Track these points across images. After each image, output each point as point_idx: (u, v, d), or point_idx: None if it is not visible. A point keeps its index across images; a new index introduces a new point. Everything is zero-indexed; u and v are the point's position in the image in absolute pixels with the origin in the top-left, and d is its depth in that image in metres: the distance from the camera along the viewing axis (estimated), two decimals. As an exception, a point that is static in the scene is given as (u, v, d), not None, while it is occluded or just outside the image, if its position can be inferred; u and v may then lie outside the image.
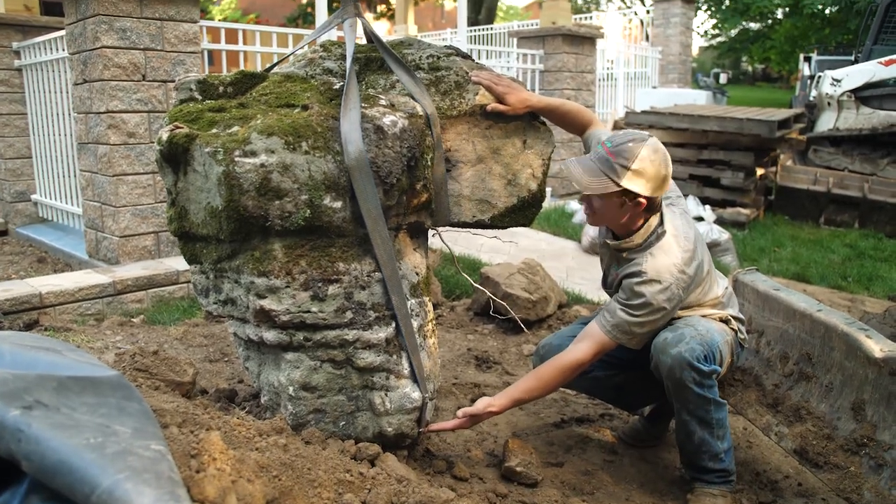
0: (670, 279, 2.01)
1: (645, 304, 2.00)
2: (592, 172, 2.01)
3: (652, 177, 1.98)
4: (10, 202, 5.84)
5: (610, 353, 2.26)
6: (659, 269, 2.01)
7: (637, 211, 2.04)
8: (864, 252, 5.72)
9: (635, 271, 2.05)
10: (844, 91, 7.88)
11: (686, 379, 1.99)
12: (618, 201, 2.02)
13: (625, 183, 1.96)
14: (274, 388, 1.94)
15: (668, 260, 2.03)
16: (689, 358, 1.98)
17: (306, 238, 1.80)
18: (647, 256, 2.05)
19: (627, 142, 1.99)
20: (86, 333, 3.22)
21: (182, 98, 2.06)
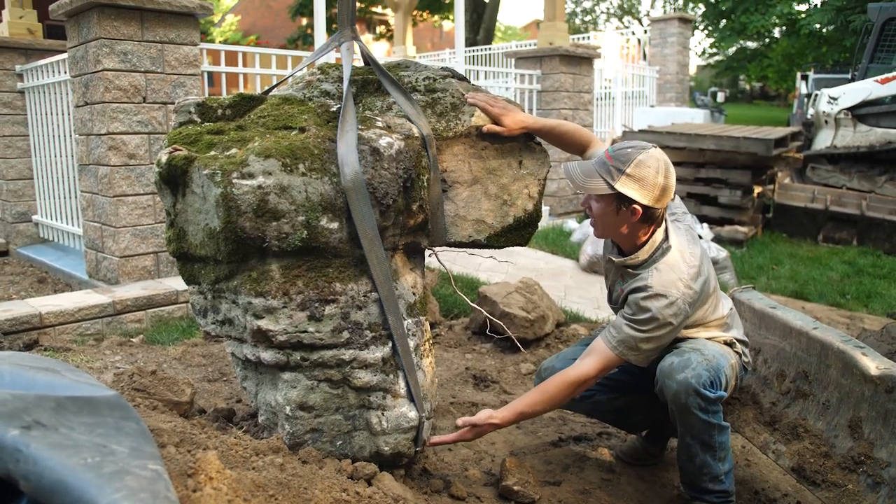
0: (676, 294, 2.00)
1: (651, 318, 1.99)
2: (588, 173, 2.03)
3: (649, 184, 1.97)
4: (12, 223, 5.87)
5: (611, 376, 2.27)
6: (665, 283, 2.01)
7: (634, 221, 2.03)
8: (862, 269, 5.73)
9: (641, 286, 2.04)
10: (841, 109, 7.95)
11: (692, 405, 1.98)
12: (613, 207, 2.02)
13: (619, 186, 1.97)
14: (271, 408, 1.95)
15: (673, 275, 2.02)
16: (695, 384, 1.96)
17: (303, 259, 1.82)
18: (652, 271, 2.05)
19: (627, 148, 2.01)
20: (85, 353, 3.23)
21: (181, 120, 2.09)
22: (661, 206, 2.04)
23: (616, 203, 2.01)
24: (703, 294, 2.09)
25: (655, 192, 1.99)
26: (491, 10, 17.02)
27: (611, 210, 2.03)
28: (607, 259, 2.27)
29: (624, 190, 1.97)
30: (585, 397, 2.28)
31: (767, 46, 23.33)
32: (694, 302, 2.04)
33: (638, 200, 1.98)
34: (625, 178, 1.97)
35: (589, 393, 2.28)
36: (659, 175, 1.99)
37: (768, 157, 6.48)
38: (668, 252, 2.07)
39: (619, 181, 1.97)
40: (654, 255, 2.08)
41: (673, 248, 2.08)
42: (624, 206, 2.01)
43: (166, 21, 4.19)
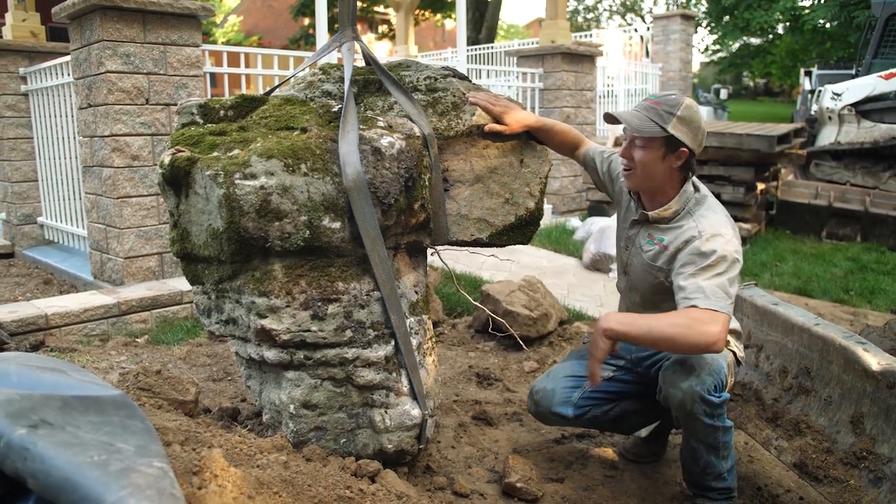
0: (730, 232, 1.97)
1: (721, 258, 1.90)
2: (641, 118, 2.02)
3: (696, 127, 2.01)
4: (17, 225, 5.90)
5: (604, 388, 2.26)
6: (715, 225, 1.98)
7: (676, 166, 2.04)
8: (866, 266, 5.72)
9: (691, 236, 1.99)
10: (845, 105, 7.93)
11: (698, 412, 1.96)
12: (661, 152, 2.02)
13: (671, 129, 1.98)
14: (275, 407, 1.97)
15: (718, 218, 2.01)
16: (700, 391, 1.93)
17: (306, 258, 1.83)
18: (697, 219, 2.03)
19: (670, 94, 2.05)
20: (91, 354, 3.25)
21: (184, 122, 2.10)
22: (699, 151, 2.06)
23: (664, 147, 2.02)
24: None
25: (700, 137, 2.03)
26: (493, 8, 17.01)
27: (657, 155, 2.03)
28: (629, 222, 2.21)
29: (675, 132, 1.98)
30: (581, 416, 2.28)
31: (771, 43, 23.27)
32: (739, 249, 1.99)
33: (687, 144, 2.00)
34: (676, 120, 1.99)
35: (584, 410, 2.28)
36: (702, 120, 2.04)
37: (771, 154, 6.47)
38: (704, 200, 2.07)
39: (671, 124, 1.98)
40: (688, 205, 2.07)
41: (707, 197, 2.09)
42: (671, 150, 2.02)
43: (168, 23, 4.21)
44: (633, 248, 2.21)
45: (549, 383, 2.31)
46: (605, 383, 2.26)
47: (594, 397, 2.28)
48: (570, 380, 2.30)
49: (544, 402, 2.29)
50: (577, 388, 2.28)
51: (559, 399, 2.27)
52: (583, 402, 2.28)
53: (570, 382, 2.29)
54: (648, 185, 2.11)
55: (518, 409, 2.86)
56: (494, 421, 2.72)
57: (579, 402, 2.27)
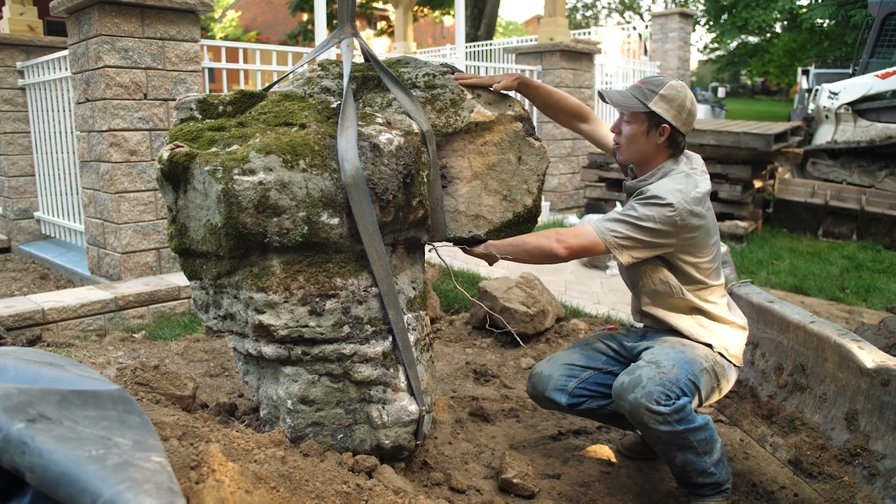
0: (671, 199, 2.03)
1: (644, 216, 2.03)
2: (624, 95, 2.17)
3: (678, 105, 2.11)
4: (14, 219, 5.89)
5: (600, 381, 2.28)
6: (662, 189, 2.06)
7: (661, 142, 2.14)
8: (862, 264, 5.74)
9: (641, 190, 2.12)
10: (842, 104, 7.94)
11: (649, 422, 1.96)
12: (644, 127, 2.13)
13: (652, 105, 2.10)
14: (273, 402, 1.97)
15: (673, 185, 2.08)
16: (645, 403, 1.94)
17: (304, 254, 1.83)
18: (654, 183, 2.14)
19: (659, 76, 2.20)
20: (88, 349, 3.25)
21: (182, 117, 2.10)
22: (686, 132, 2.16)
23: (647, 123, 2.13)
24: (703, 227, 2.11)
25: (683, 115, 2.13)
26: (492, 5, 16.99)
27: (641, 130, 2.14)
28: (624, 186, 2.35)
29: (657, 108, 2.10)
30: (575, 405, 2.30)
31: (769, 41, 23.28)
32: (692, 217, 2.05)
33: (668, 120, 2.10)
34: (658, 98, 2.11)
35: (580, 400, 2.29)
36: (687, 100, 2.13)
37: (768, 153, 6.48)
38: (672, 171, 2.16)
39: (653, 101, 2.11)
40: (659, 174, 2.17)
41: (681, 171, 2.15)
42: (654, 126, 2.12)
43: (167, 17, 4.20)
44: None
45: (548, 368, 2.35)
46: (603, 377, 2.27)
47: (592, 390, 2.29)
48: (568, 368, 2.32)
49: (539, 386, 2.34)
50: (575, 377, 2.31)
51: (554, 385, 2.31)
52: (579, 392, 2.29)
53: (568, 371, 2.32)
54: (636, 158, 2.22)
55: (515, 406, 2.87)
56: (491, 417, 2.73)
57: (575, 391, 2.30)
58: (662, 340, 2.19)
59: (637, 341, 2.31)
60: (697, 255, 2.14)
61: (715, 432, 2.07)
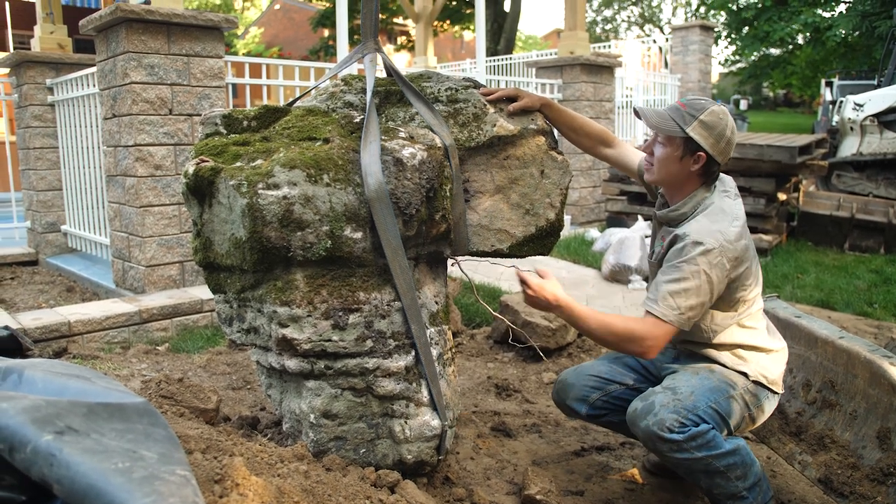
0: (714, 244, 1.93)
1: (694, 273, 1.92)
2: (662, 116, 2.05)
3: (717, 134, 2.00)
4: (41, 233, 5.99)
5: (619, 395, 2.26)
6: (701, 232, 1.96)
7: (694, 169, 2.04)
8: (890, 278, 5.63)
9: (678, 234, 2.00)
10: (867, 115, 7.83)
11: (663, 451, 1.92)
12: (679, 153, 2.03)
13: (690, 131, 1.99)
14: (295, 416, 1.97)
15: (712, 226, 1.98)
16: (657, 431, 1.89)
17: (327, 268, 1.84)
18: (690, 222, 2.03)
19: (700, 99, 2.06)
20: (112, 361, 3.29)
21: (207, 132, 2.13)
22: (722, 162, 2.05)
23: (683, 149, 2.03)
24: (745, 262, 2.01)
25: (721, 144, 2.02)
26: (511, 20, 17.07)
27: (675, 155, 2.04)
28: (654, 215, 2.25)
29: (694, 135, 1.99)
30: (595, 416, 2.29)
31: (791, 53, 23.09)
32: (734, 260, 1.96)
33: (705, 148, 2.00)
34: (697, 123, 2.00)
35: (601, 413, 2.28)
36: (728, 129, 2.02)
37: (792, 165, 6.40)
38: (711, 205, 2.05)
39: (691, 126, 2.00)
40: (696, 210, 2.06)
41: (715, 204, 2.05)
42: (689, 152, 2.02)
43: (192, 35, 4.27)
44: (654, 234, 2.25)
45: (572, 377, 2.34)
46: (629, 392, 2.24)
47: (615, 404, 2.26)
48: (593, 379, 2.30)
49: (562, 393, 2.35)
50: (599, 389, 2.29)
51: (575, 395, 2.30)
52: (601, 405, 2.28)
53: (592, 382, 2.30)
54: (665, 182, 2.12)
55: (537, 421, 2.84)
56: (513, 432, 2.71)
57: (597, 403, 2.28)
58: (690, 366, 2.14)
59: (668, 362, 2.25)
60: (744, 285, 2.06)
61: (749, 457, 2.00)
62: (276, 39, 28.72)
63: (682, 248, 1.96)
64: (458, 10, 19.01)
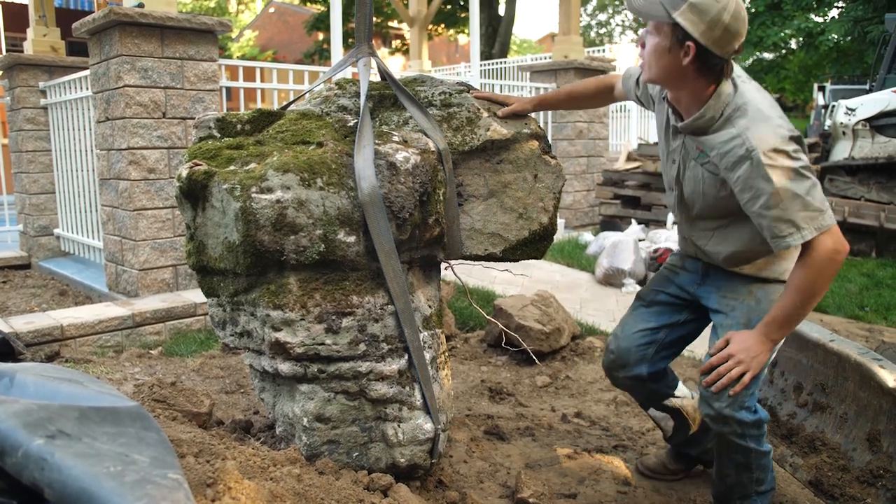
0: (784, 138, 1.70)
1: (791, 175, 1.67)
2: (650, 0, 1.76)
3: (711, 20, 1.68)
4: (34, 236, 5.97)
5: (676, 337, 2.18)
6: (765, 137, 1.70)
7: (687, 65, 1.74)
8: (881, 281, 5.66)
9: (740, 156, 1.72)
10: (859, 120, 7.88)
11: (727, 433, 1.90)
12: (667, 42, 1.74)
13: (677, 16, 1.70)
14: (288, 419, 1.97)
15: (767, 126, 1.73)
16: (731, 413, 1.85)
17: (321, 272, 1.84)
18: (742, 130, 1.74)
19: None
20: (105, 365, 3.28)
21: (201, 136, 2.13)
22: (721, 52, 1.72)
23: (671, 37, 1.74)
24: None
25: (716, 32, 1.69)
26: (506, 24, 17.11)
27: (664, 46, 1.76)
28: (671, 133, 1.98)
29: (681, 20, 1.69)
30: (656, 373, 2.18)
31: (784, 58, 23.23)
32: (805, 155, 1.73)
33: (695, 37, 1.69)
34: (686, 7, 1.69)
35: (659, 367, 2.18)
36: (725, 13, 1.68)
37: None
38: (746, 107, 1.77)
39: (679, 10, 1.69)
40: (725, 111, 1.79)
41: (747, 100, 1.78)
42: (678, 42, 1.73)
43: (186, 38, 4.27)
44: (682, 161, 1.97)
45: (623, 341, 2.20)
46: (677, 330, 2.16)
47: (669, 350, 2.18)
48: (642, 335, 2.18)
49: (619, 364, 2.21)
50: (653, 343, 2.17)
51: (634, 358, 2.17)
52: (658, 358, 2.18)
53: (643, 338, 2.18)
54: (663, 79, 1.85)
55: (530, 424, 2.85)
56: (507, 436, 2.71)
57: (654, 358, 2.18)
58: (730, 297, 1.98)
59: (698, 282, 2.11)
60: None
61: (771, 464, 2.03)
62: (271, 42, 28.71)
63: (764, 165, 1.69)
64: (452, 14, 19.06)
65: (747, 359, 1.79)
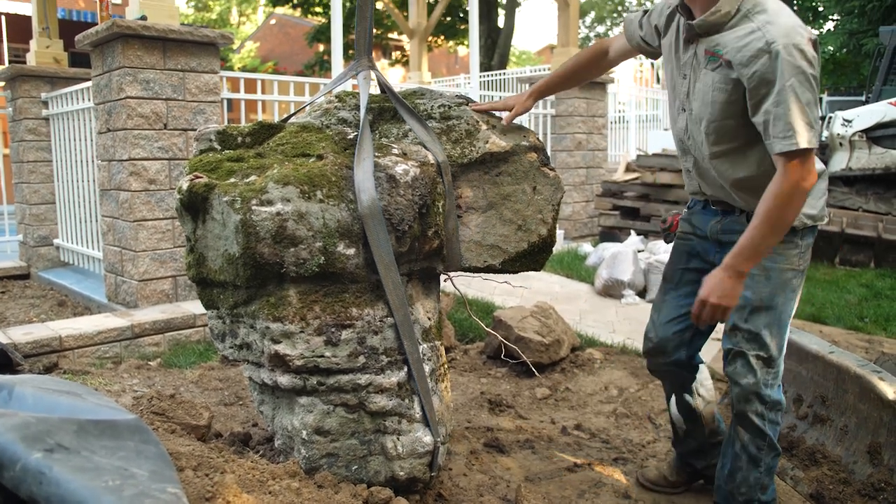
0: (807, 36, 1.65)
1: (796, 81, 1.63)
2: None
3: None
4: (33, 246, 5.97)
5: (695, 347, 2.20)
6: (786, 31, 1.66)
7: None
8: (880, 292, 5.66)
9: (758, 49, 1.67)
10: (856, 131, 7.91)
11: (751, 412, 1.96)
12: None
13: None
14: (287, 432, 1.97)
15: (787, 21, 1.68)
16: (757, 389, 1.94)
17: (320, 284, 1.85)
18: (762, 24, 1.70)
19: None
20: (104, 376, 3.27)
21: (202, 148, 2.14)
22: None
23: None
24: None
25: None
26: (505, 35, 17.19)
27: None
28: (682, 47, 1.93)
29: None
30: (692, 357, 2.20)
31: (782, 69, 23.31)
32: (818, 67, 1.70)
33: None
34: None
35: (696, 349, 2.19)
36: None
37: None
38: (766, 3, 1.74)
39: None
40: (741, 6, 1.76)
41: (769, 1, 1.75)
42: None
43: (188, 50, 4.29)
44: (692, 74, 1.92)
45: (660, 330, 2.21)
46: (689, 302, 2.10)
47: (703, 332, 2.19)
48: (675, 323, 2.20)
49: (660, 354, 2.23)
50: (687, 328, 2.17)
51: (673, 345, 2.19)
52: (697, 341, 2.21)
53: (677, 325, 2.19)
54: None
55: (530, 437, 2.84)
56: (506, 448, 2.70)
57: (693, 340, 2.20)
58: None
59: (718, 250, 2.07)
60: None
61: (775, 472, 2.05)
62: (272, 54, 28.82)
63: (780, 56, 1.66)
64: (452, 26, 19.15)
65: (722, 298, 1.82)
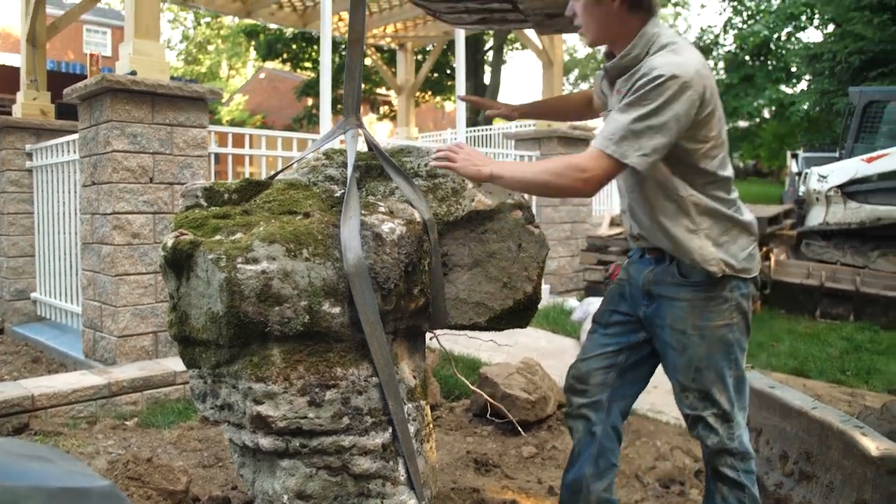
0: (685, 74, 1.71)
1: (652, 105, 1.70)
2: None
3: None
4: (9, 300, 5.87)
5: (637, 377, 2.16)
6: (669, 65, 1.72)
7: (616, 7, 1.81)
8: (860, 345, 5.71)
9: (642, 74, 1.75)
10: (831, 187, 8.10)
11: (723, 466, 1.97)
12: None
13: None
14: (269, 497, 1.91)
15: (678, 57, 1.75)
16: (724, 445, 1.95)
17: (305, 343, 1.82)
18: (652, 59, 1.78)
19: None
20: (77, 437, 3.17)
21: (188, 204, 2.13)
22: None
23: None
24: (712, 102, 1.78)
25: None
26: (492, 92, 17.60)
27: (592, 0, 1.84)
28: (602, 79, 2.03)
29: None
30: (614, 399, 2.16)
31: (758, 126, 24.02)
32: (702, 94, 1.74)
33: None
34: None
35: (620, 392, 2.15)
36: None
37: (763, 235, 6.57)
38: (674, 44, 1.81)
39: None
40: (650, 48, 1.82)
41: (671, 39, 1.83)
42: None
43: (177, 105, 4.33)
44: (609, 103, 2.02)
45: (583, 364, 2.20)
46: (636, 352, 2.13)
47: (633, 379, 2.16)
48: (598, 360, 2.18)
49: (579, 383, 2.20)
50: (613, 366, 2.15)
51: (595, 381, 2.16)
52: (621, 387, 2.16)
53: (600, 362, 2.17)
54: (605, 36, 1.91)
55: (517, 497, 2.78)
56: (492, 510, 2.64)
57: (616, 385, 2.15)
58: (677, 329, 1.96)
59: (647, 303, 2.06)
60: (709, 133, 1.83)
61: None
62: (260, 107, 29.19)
63: (647, 82, 1.73)
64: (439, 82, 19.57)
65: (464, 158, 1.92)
